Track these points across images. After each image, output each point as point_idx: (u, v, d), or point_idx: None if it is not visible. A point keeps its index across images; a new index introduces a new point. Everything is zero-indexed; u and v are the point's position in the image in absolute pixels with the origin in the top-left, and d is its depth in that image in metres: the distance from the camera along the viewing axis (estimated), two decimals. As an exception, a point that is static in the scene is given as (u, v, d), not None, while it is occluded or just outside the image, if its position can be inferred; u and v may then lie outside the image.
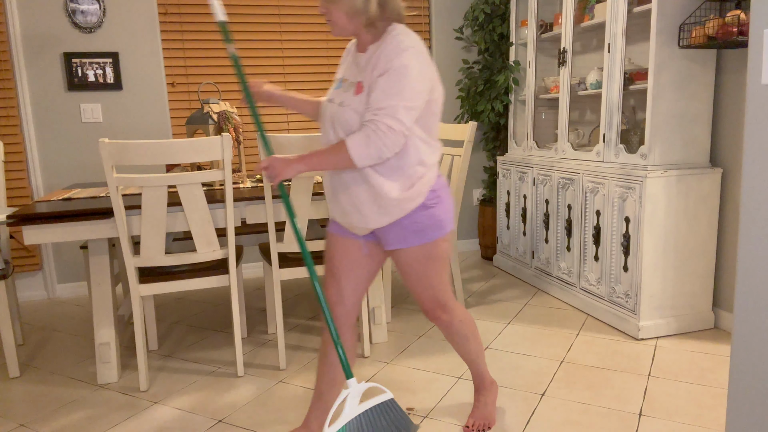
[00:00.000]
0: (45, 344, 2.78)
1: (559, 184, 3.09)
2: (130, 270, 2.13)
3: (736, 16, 2.21)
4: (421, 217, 1.60)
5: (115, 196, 2.02)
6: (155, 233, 2.11)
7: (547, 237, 3.24)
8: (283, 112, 3.85)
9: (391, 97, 1.44)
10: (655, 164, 2.53)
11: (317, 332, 2.80)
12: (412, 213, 1.59)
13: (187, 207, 2.10)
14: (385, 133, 1.45)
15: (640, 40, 2.94)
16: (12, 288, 2.71)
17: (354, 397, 1.58)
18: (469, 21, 3.85)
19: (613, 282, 2.70)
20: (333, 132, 1.58)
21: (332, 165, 1.51)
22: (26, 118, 3.38)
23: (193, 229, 2.13)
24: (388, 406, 1.63)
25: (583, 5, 2.99)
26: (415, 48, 1.48)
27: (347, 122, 1.53)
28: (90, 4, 3.39)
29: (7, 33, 3.29)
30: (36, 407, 2.14)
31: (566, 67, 3.05)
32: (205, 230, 2.15)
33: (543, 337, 2.63)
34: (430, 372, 2.32)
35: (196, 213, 2.11)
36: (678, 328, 2.61)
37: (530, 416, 1.95)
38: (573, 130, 3.23)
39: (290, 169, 1.53)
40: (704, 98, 2.55)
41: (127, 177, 2.00)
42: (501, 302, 3.15)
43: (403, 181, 1.55)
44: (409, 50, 1.46)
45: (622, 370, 2.28)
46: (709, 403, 2.00)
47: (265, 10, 3.71)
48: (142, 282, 2.19)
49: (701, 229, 2.59)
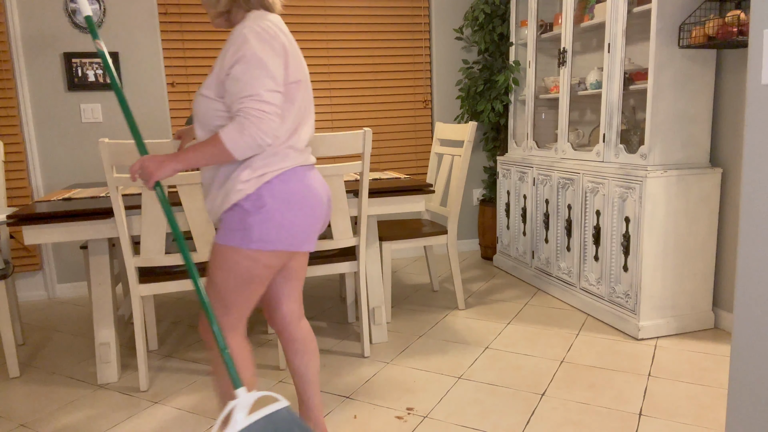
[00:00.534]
0: (45, 344, 2.78)
1: (559, 184, 3.09)
2: (130, 270, 2.13)
3: (736, 16, 2.21)
4: (231, 217, 1.47)
5: (115, 196, 2.02)
6: (155, 233, 2.11)
7: (547, 237, 3.24)
8: (283, 112, 3.84)
9: (250, 84, 1.39)
10: (655, 164, 2.53)
11: (316, 332, 2.80)
12: (228, 210, 1.48)
13: (187, 207, 2.10)
14: (259, 117, 1.38)
15: (640, 40, 2.94)
16: (12, 288, 2.71)
17: (242, 408, 1.42)
18: (469, 21, 3.85)
19: (613, 282, 2.70)
20: (197, 124, 1.53)
21: (210, 159, 1.42)
22: (26, 118, 3.38)
23: (193, 229, 2.13)
24: (282, 415, 1.45)
25: (583, 5, 2.99)
26: (260, 34, 1.42)
27: (198, 109, 1.50)
28: (90, 4, 3.39)
29: (7, 33, 3.29)
30: (36, 407, 2.14)
31: (566, 67, 3.05)
32: (204, 230, 2.15)
33: (543, 337, 2.63)
34: (430, 372, 2.32)
35: (196, 213, 2.11)
36: (678, 328, 2.61)
37: (530, 416, 1.95)
38: (573, 130, 3.23)
39: (165, 169, 1.42)
40: (704, 98, 2.55)
41: (128, 177, 2.00)
42: (501, 302, 3.15)
43: (221, 176, 1.49)
44: (251, 39, 1.41)
45: (622, 370, 2.28)
46: (709, 403, 2.00)
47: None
48: (142, 282, 2.19)
49: (701, 229, 2.59)
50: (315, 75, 3.87)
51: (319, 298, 3.35)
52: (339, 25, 3.87)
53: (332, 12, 3.84)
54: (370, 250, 2.58)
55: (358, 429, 1.91)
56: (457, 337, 2.67)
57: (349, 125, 4.01)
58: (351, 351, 2.56)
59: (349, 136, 2.16)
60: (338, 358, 2.48)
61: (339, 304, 3.25)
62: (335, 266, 2.44)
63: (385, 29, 3.96)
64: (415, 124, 4.14)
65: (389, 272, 2.82)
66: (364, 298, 2.46)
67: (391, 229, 3.02)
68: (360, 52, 3.94)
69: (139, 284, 2.18)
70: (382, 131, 4.07)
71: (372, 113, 4.04)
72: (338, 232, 2.33)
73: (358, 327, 2.86)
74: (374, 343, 2.63)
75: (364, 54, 3.95)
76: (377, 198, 2.45)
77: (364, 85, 3.98)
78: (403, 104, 4.09)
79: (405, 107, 4.10)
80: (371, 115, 4.04)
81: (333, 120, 3.97)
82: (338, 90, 3.94)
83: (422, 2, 4.01)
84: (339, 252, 2.50)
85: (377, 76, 4.00)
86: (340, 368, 2.38)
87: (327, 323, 2.93)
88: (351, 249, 2.55)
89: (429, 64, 4.10)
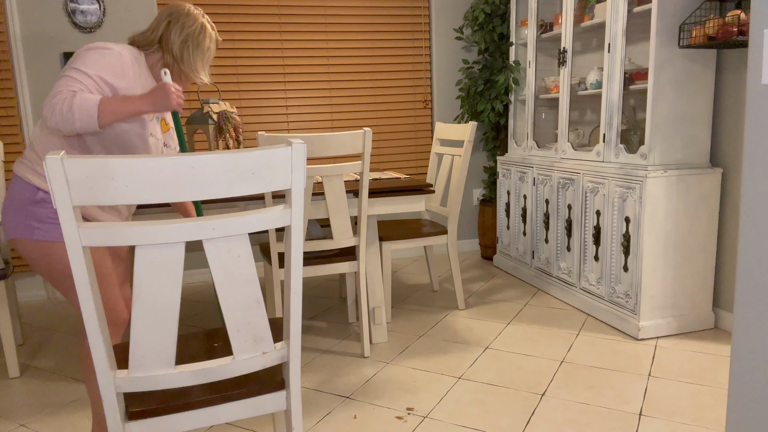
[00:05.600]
0: (45, 344, 2.78)
1: (559, 184, 3.09)
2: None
3: (736, 16, 2.21)
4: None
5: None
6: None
7: (547, 237, 3.24)
8: (282, 112, 3.85)
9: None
10: (655, 164, 2.53)
11: (316, 332, 2.80)
12: None
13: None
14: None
15: (640, 40, 2.94)
16: (12, 288, 2.71)
17: None
18: (469, 21, 3.85)
19: (613, 282, 2.70)
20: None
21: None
22: (26, 118, 3.38)
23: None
24: None
25: (583, 5, 2.99)
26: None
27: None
28: (90, 4, 3.39)
29: (7, 33, 3.29)
30: (36, 407, 2.14)
31: (566, 67, 3.05)
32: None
33: (543, 337, 2.63)
34: (430, 372, 2.32)
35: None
36: (678, 328, 2.61)
37: (530, 416, 1.95)
38: (573, 130, 3.23)
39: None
40: (704, 98, 2.55)
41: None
42: (501, 302, 3.15)
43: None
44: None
45: (622, 370, 2.28)
46: (709, 403, 2.00)
47: (265, 10, 3.71)
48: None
49: (701, 229, 2.59)
50: (315, 75, 3.87)
51: (319, 298, 3.35)
52: (339, 25, 3.87)
53: (332, 12, 3.84)
54: (370, 250, 2.58)
55: (358, 429, 1.91)
56: (457, 337, 2.67)
57: (349, 125, 4.01)
58: (351, 351, 2.56)
59: (349, 136, 2.17)
60: (338, 358, 2.48)
61: (339, 304, 3.25)
62: (335, 266, 2.44)
63: (385, 29, 3.96)
64: (415, 124, 4.14)
65: (389, 272, 2.82)
66: (364, 298, 2.46)
67: (391, 229, 3.02)
68: (360, 52, 3.94)
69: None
70: (382, 131, 4.07)
71: (372, 113, 4.04)
72: (338, 232, 2.33)
73: (358, 327, 2.86)
74: (374, 343, 2.63)
75: (364, 54, 3.95)
76: (377, 198, 2.45)
77: (364, 85, 3.98)
78: (403, 104, 4.09)
79: (405, 107, 4.10)
80: (371, 115, 4.04)
81: (333, 120, 3.97)
82: (338, 90, 3.94)
83: (422, 2, 4.01)
84: (339, 252, 2.50)
85: (377, 76, 4.00)
86: (340, 368, 2.38)
87: (327, 323, 2.93)
88: (351, 249, 2.55)
89: (429, 64, 4.10)
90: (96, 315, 1.01)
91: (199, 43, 1.72)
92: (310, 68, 3.86)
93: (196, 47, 1.72)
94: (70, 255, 0.96)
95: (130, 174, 0.94)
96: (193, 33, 1.71)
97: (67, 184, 0.93)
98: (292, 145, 1.05)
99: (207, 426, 1.20)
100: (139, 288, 1.02)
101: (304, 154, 1.07)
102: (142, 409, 1.15)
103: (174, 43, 1.69)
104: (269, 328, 1.18)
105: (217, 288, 1.09)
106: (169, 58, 1.71)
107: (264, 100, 3.81)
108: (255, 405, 1.23)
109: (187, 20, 1.71)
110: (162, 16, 1.72)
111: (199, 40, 1.72)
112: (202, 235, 1.02)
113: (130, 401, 1.18)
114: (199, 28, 1.72)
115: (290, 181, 1.07)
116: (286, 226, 1.12)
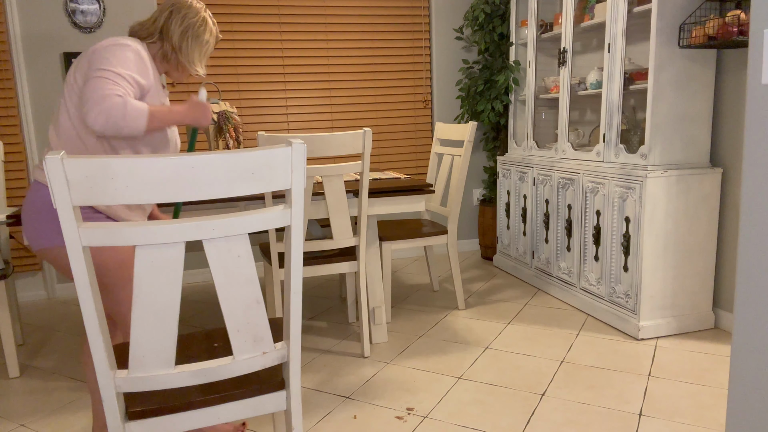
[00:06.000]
0: (45, 344, 2.78)
1: (559, 184, 3.09)
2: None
3: (736, 16, 2.21)
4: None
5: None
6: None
7: (547, 237, 3.24)
8: (282, 112, 3.85)
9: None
10: (655, 164, 2.53)
11: (316, 332, 2.80)
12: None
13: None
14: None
15: (640, 40, 2.94)
16: (12, 288, 2.71)
17: None
18: (469, 21, 3.85)
19: (613, 282, 2.70)
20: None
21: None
22: (26, 118, 3.38)
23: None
24: None
25: (583, 5, 2.99)
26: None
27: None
28: (90, 4, 3.39)
29: (7, 33, 3.29)
30: (36, 407, 2.14)
31: (566, 67, 3.05)
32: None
33: (543, 337, 2.63)
34: (430, 372, 2.32)
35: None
36: (678, 328, 2.61)
37: (530, 416, 1.95)
38: (573, 130, 3.23)
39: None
40: (704, 98, 2.55)
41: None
42: (501, 302, 3.15)
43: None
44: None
45: (622, 370, 2.28)
46: (709, 403, 2.00)
47: (265, 9, 3.71)
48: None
49: (701, 229, 2.59)
50: (315, 75, 3.87)
51: (319, 298, 3.35)
52: (339, 25, 3.87)
53: (332, 12, 3.84)
54: (370, 250, 2.58)
55: (358, 429, 1.91)
56: (457, 337, 2.67)
57: (349, 125, 4.01)
58: (351, 351, 2.56)
59: (349, 136, 2.17)
60: (338, 358, 2.48)
61: (339, 304, 3.25)
62: (335, 266, 2.44)
63: (385, 29, 3.96)
64: (415, 124, 4.14)
65: (389, 272, 2.82)
66: (364, 298, 2.46)
67: (391, 229, 3.02)
68: (360, 52, 3.94)
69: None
70: (382, 131, 4.07)
71: (372, 113, 4.04)
72: (338, 232, 2.33)
73: (358, 327, 2.86)
74: (374, 343, 2.63)
75: (364, 54, 3.95)
76: (377, 198, 2.45)
77: (364, 85, 3.98)
78: (403, 104, 4.09)
79: (405, 107, 4.10)
80: (371, 115, 4.04)
81: (333, 120, 3.97)
82: (338, 90, 3.94)
83: (422, 2, 4.01)
84: (339, 252, 2.50)
85: (377, 76, 4.00)
86: (340, 368, 2.38)
87: (327, 323, 2.93)
88: (351, 249, 2.55)
89: (429, 64, 4.10)
90: (96, 315, 1.01)
91: (199, 35, 1.73)
92: (310, 68, 3.86)
93: (195, 39, 1.73)
94: (70, 255, 0.96)
95: (130, 174, 0.94)
96: (194, 24, 1.72)
97: (67, 184, 0.92)
98: (292, 145, 1.05)
99: (207, 426, 1.20)
100: (139, 288, 1.02)
101: (304, 154, 1.07)
102: (142, 409, 1.15)
103: (174, 33, 1.70)
104: (269, 328, 1.18)
105: (217, 288, 1.09)
106: (168, 48, 1.72)
107: (264, 100, 3.81)
108: (255, 405, 1.23)
109: (189, 11, 1.72)
110: (164, 6, 1.73)
111: (199, 32, 1.73)
112: (202, 235, 1.02)
113: (130, 401, 1.18)
114: (200, 21, 1.73)
115: (290, 181, 1.07)
116: (286, 226, 1.12)
